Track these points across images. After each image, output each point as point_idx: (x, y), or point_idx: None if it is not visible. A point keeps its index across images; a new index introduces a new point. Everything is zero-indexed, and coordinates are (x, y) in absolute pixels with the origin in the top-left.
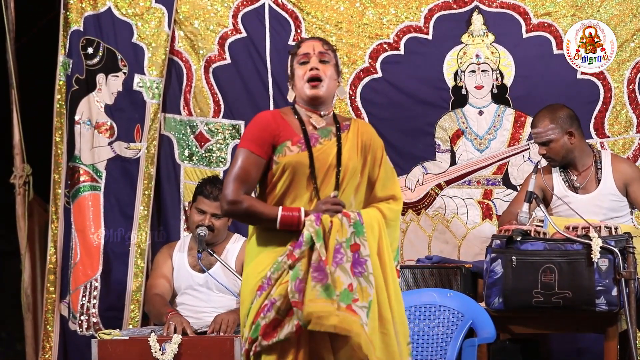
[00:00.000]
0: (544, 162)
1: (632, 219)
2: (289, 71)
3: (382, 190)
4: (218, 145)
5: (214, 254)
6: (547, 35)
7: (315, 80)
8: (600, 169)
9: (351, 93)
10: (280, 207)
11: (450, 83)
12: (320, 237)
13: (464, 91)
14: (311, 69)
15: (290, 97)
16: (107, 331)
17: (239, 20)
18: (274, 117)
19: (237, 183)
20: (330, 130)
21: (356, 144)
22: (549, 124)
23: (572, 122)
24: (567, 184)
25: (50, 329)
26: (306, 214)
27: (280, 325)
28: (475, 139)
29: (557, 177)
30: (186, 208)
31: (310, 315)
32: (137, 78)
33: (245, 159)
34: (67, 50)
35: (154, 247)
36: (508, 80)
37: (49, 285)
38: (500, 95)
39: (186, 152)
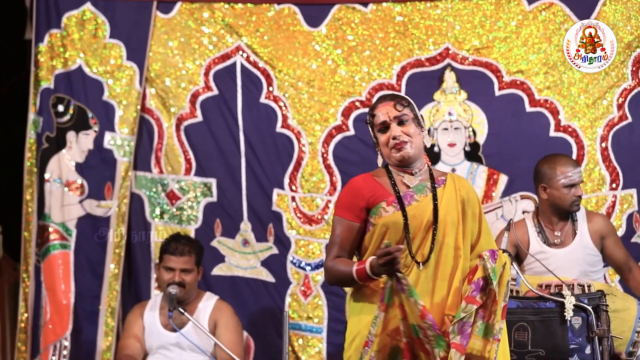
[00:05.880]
0: (517, 220)
1: (605, 275)
2: (372, 138)
3: (487, 244)
4: (189, 204)
5: (185, 313)
6: (520, 92)
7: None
8: (576, 221)
9: (323, 151)
10: (355, 263)
11: None
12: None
13: (436, 149)
14: (393, 138)
15: (380, 162)
16: None
17: (210, 77)
18: (366, 180)
19: (331, 250)
20: (425, 186)
21: (455, 199)
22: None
23: None
24: (542, 239)
25: None
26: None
27: None
28: None
29: (533, 232)
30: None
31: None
32: (108, 136)
33: (339, 226)
34: (37, 108)
35: (124, 304)
36: (481, 138)
37: (19, 344)
38: (472, 153)
39: (157, 210)
